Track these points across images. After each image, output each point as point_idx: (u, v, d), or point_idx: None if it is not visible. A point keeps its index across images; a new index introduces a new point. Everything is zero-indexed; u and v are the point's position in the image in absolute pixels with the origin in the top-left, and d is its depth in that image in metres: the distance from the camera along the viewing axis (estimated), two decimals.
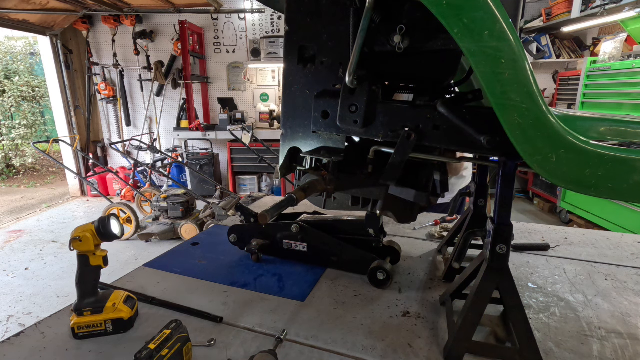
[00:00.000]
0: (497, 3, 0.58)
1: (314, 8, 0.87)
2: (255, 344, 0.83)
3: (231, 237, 1.29)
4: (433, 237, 1.45)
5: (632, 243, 1.40)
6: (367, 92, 0.82)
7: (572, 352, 0.81)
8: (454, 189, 2.07)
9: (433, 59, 0.83)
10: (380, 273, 1.06)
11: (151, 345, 0.70)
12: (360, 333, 0.87)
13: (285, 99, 0.97)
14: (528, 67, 0.59)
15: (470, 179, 2.06)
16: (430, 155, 0.85)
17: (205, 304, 0.98)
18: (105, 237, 0.86)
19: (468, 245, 0.89)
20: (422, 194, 0.91)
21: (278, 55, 5.29)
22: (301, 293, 1.04)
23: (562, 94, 4.76)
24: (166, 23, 5.75)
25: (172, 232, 3.93)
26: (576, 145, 0.61)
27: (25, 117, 7.72)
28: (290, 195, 0.83)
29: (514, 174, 0.77)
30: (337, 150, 0.94)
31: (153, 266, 1.21)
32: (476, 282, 0.81)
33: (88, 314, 0.85)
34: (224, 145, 5.66)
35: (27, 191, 6.71)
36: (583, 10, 4.06)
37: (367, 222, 1.11)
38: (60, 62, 5.70)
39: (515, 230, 1.50)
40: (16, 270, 3.55)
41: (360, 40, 0.72)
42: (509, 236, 0.77)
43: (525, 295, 1.03)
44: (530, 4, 5.10)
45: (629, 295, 1.04)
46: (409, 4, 0.74)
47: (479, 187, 1.10)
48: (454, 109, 0.75)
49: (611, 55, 3.72)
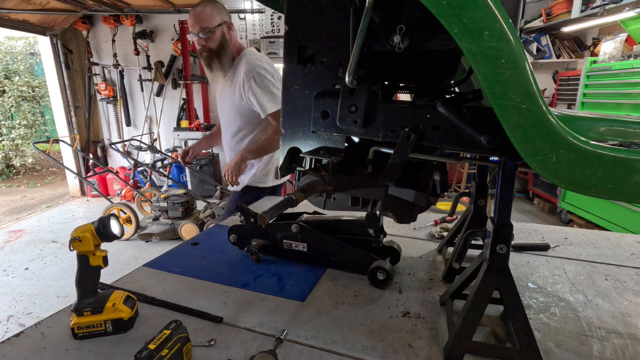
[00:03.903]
0: (497, 3, 0.58)
1: (314, 8, 0.87)
2: (255, 344, 0.83)
3: (231, 237, 1.29)
4: (433, 237, 1.45)
5: (632, 243, 1.40)
6: (366, 92, 0.82)
7: (572, 352, 0.81)
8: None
9: (433, 59, 0.83)
10: (380, 273, 1.06)
11: (151, 345, 0.69)
12: (360, 333, 0.87)
13: (285, 99, 0.97)
14: (528, 67, 0.59)
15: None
16: (430, 156, 0.85)
17: (205, 304, 0.98)
18: (105, 237, 0.86)
19: (468, 245, 0.89)
20: (422, 194, 0.91)
21: (278, 55, 5.28)
22: (301, 293, 1.04)
23: (562, 94, 4.76)
24: (166, 23, 5.75)
25: (172, 232, 3.93)
26: (576, 146, 0.61)
27: (25, 117, 7.72)
28: (289, 196, 0.83)
29: (514, 174, 0.77)
30: (337, 151, 0.94)
31: (153, 266, 1.21)
32: (476, 282, 0.81)
33: (88, 314, 0.85)
34: None
35: (27, 191, 6.71)
36: (583, 10, 4.06)
37: (367, 222, 1.11)
38: (60, 62, 5.69)
39: (515, 230, 1.50)
40: (16, 270, 3.55)
41: (360, 40, 0.72)
42: (509, 236, 0.77)
43: (525, 295, 1.03)
44: (530, 4, 5.10)
45: (629, 295, 1.04)
46: (408, 4, 0.74)
47: (479, 187, 1.10)
48: (454, 109, 0.75)
49: (611, 55, 3.72)
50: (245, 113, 1.98)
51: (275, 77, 1.95)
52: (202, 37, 1.86)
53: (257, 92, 1.88)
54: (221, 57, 1.91)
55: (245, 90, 1.89)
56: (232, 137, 2.10)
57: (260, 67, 1.90)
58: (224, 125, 2.14)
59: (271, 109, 1.90)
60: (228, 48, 1.92)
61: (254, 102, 1.90)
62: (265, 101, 1.89)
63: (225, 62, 1.93)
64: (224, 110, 2.10)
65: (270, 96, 1.90)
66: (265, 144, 1.99)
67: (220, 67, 1.93)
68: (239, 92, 1.93)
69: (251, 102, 1.91)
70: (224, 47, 1.90)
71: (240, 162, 1.93)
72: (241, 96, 1.93)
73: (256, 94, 1.88)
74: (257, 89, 1.87)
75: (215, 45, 1.88)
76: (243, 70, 1.90)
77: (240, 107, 1.97)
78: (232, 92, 1.97)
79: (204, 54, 1.91)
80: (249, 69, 1.88)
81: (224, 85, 2.02)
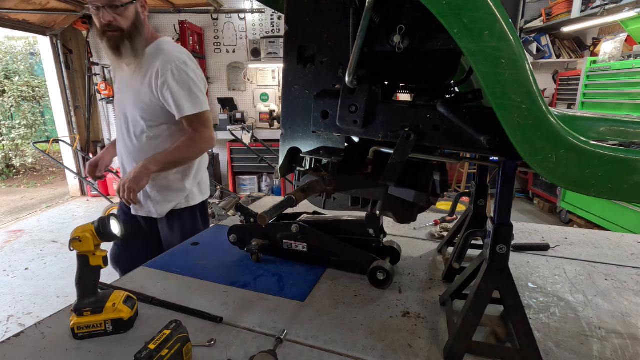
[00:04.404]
0: (497, 3, 0.58)
1: (314, 8, 0.87)
2: (255, 344, 0.83)
3: (231, 237, 1.29)
4: (433, 237, 1.45)
5: (632, 243, 1.40)
6: (366, 92, 0.82)
7: (572, 352, 0.81)
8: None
9: (433, 59, 0.83)
10: (380, 273, 1.06)
11: (151, 345, 0.69)
12: (360, 333, 0.87)
13: (285, 99, 0.97)
14: (528, 67, 0.59)
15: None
16: (430, 156, 0.85)
17: (205, 304, 0.98)
18: (105, 237, 0.86)
19: (468, 245, 0.89)
20: (422, 194, 0.92)
21: (278, 55, 5.28)
22: (301, 293, 1.04)
23: (562, 94, 4.76)
24: (166, 23, 5.75)
25: None
26: (576, 146, 0.61)
27: (25, 117, 7.71)
28: (289, 196, 0.83)
29: (514, 174, 0.77)
30: (337, 151, 0.94)
31: (153, 266, 1.21)
32: (476, 282, 0.81)
33: (88, 314, 0.85)
34: (224, 145, 5.65)
35: (27, 191, 6.71)
36: (583, 10, 4.06)
37: (367, 222, 1.11)
38: (60, 62, 5.69)
39: (515, 230, 1.50)
40: (16, 270, 3.55)
41: (360, 40, 0.72)
42: (509, 236, 0.77)
43: (525, 295, 1.03)
44: (530, 4, 5.10)
45: (629, 295, 1.04)
46: (408, 4, 0.74)
47: (479, 187, 1.10)
48: (454, 109, 0.75)
49: (611, 55, 3.72)
50: (154, 112, 1.60)
51: (197, 74, 1.62)
52: (109, 12, 1.46)
53: (174, 89, 1.53)
54: (134, 39, 1.52)
55: (160, 84, 1.53)
56: (133, 141, 1.67)
57: (180, 61, 1.56)
58: (123, 126, 1.69)
59: (189, 111, 1.56)
60: (143, 30, 1.56)
61: (169, 100, 1.55)
62: (183, 100, 1.55)
63: (139, 46, 1.55)
64: (125, 106, 1.67)
65: (190, 96, 1.57)
66: (177, 154, 1.61)
67: (133, 53, 1.54)
68: (149, 85, 1.56)
69: (165, 99, 1.56)
70: (138, 28, 1.53)
71: (140, 176, 1.54)
72: (152, 91, 1.56)
73: (172, 91, 1.53)
74: (175, 85, 1.53)
75: (127, 25, 1.51)
76: (159, 60, 1.54)
77: (149, 105, 1.59)
78: (140, 85, 1.58)
79: (110, 33, 1.50)
80: (167, 60, 1.54)
81: (130, 75, 1.62)
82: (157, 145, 1.64)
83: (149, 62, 1.57)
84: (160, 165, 1.58)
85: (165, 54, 1.56)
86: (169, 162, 1.61)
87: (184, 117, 1.57)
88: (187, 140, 1.61)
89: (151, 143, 1.65)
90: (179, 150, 1.61)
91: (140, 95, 1.59)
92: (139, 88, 1.59)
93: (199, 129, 1.61)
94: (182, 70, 1.55)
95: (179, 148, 1.61)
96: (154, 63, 1.55)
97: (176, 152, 1.61)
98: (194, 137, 1.61)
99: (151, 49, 1.59)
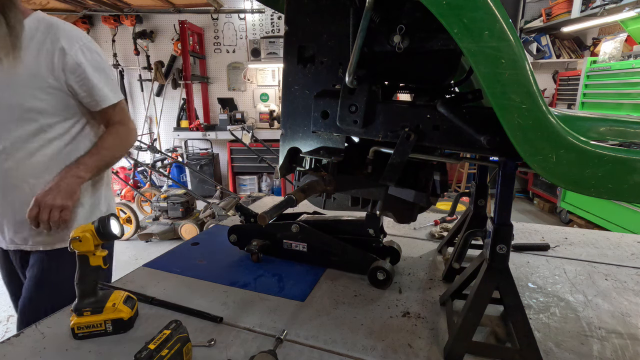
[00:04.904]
0: (497, 3, 0.58)
1: (314, 8, 0.87)
2: (255, 344, 0.83)
3: (231, 237, 1.29)
4: (433, 237, 1.45)
5: (632, 243, 1.40)
6: (366, 92, 0.82)
7: (572, 352, 0.81)
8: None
9: (433, 59, 0.83)
10: (380, 273, 1.06)
11: (151, 345, 0.69)
12: (360, 333, 0.87)
13: (285, 99, 0.97)
14: (528, 67, 0.59)
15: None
16: (430, 156, 0.85)
17: (205, 304, 0.98)
18: (105, 237, 0.86)
19: (468, 245, 0.89)
20: (422, 194, 0.92)
21: (278, 55, 5.29)
22: (301, 293, 1.04)
23: (562, 94, 4.76)
24: (166, 23, 5.75)
25: (172, 232, 3.93)
26: (576, 146, 0.61)
27: None
28: (289, 196, 0.83)
29: (514, 174, 0.77)
30: (337, 151, 0.94)
31: (153, 266, 1.21)
32: (476, 282, 0.81)
33: (88, 314, 0.85)
34: (224, 145, 5.66)
35: None
36: (583, 10, 4.06)
37: (367, 222, 1.11)
38: None
39: (515, 230, 1.50)
40: None
41: (360, 40, 0.72)
42: (509, 236, 0.77)
43: (525, 295, 1.03)
44: (530, 4, 5.10)
45: (629, 295, 1.04)
46: (408, 4, 0.74)
47: (479, 187, 1.10)
48: (454, 109, 0.75)
49: (611, 55, 3.72)
50: (54, 103, 1.20)
51: (103, 57, 1.29)
52: None
53: (90, 73, 1.20)
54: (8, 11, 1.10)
55: (68, 65, 1.17)
56: (22, 143, 1.18)
57: (87, 39, 1.24)
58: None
59: (112, 99, 1.27)
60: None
61: (85, 86, 1.21)
62: (103, 86, 1.24)
63: (16, 20, 1.11)
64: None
65: (107, 81, 1.26)
66: (107, 152, 1.29)
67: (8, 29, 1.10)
68: (48, 66, 1.16)
69: (79, 84, 1.21)
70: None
71: (72, 187, 1.19)
72: (53, 73, 1.17)
73: (89, 75, 1.20)
74: (89, 67, 1.20)
75: None
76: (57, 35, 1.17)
77: (48, 92, 1.18)
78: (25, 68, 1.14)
79: None
80: (70, 36, 1.19)
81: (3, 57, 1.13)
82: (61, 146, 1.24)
83: (35, 36, 1.16)
84: (93, 170, 1.25)
85: (60, 30, 1.19)
86: (102, 165, 1.29)
87: (107, 106, 1.27)
88: (114, 135, 1.31)
89: (51, 143, 1.22)
90: (107, 148, 1.29)
91: (30, 81, 1.16)
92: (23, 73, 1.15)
93: (124, 120, 1.34)
94: (93, 50, 1.24)
95: (108, 145, 1.29)
96: (46, 39, 1.17)
97: (106, 151, 1.29)
98: (119, 130, 1.32)
99: (32, 22, 1.18)
